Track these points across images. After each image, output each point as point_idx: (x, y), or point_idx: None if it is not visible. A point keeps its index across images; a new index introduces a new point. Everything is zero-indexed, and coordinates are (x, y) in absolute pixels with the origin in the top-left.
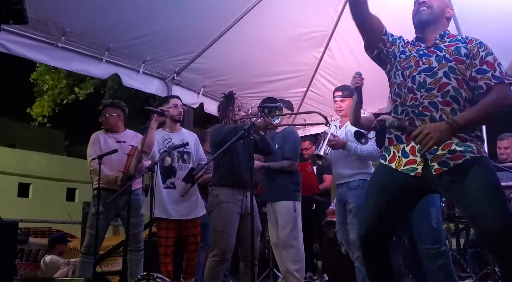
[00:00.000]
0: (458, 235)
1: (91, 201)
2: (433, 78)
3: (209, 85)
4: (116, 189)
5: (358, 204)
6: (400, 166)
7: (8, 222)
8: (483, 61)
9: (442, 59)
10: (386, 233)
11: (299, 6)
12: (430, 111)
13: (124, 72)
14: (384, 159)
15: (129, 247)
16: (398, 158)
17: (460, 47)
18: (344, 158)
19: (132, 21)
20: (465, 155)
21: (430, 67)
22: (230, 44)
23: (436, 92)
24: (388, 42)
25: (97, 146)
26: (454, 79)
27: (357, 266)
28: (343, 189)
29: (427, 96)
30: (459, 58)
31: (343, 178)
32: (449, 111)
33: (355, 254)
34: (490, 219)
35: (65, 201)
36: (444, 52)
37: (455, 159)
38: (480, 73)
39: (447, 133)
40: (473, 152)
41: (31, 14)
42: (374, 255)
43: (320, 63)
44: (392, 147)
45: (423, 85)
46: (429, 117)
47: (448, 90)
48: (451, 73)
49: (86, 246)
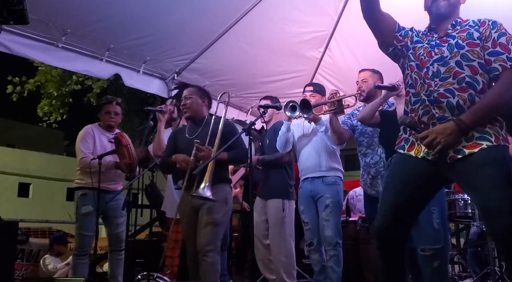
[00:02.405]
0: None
1: (79, 201)
2: (445, 66)
3: (209, 85)
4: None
5: (337, 200)
6: (419, 153)
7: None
8: (496, 43)
9: (454, 47)
10: (403, 225)
11: (299, 6)
12: (446, 97)
13: (124, 72)
14: (403, 149)
15: (111, 247)
16: (417, 145)
17: (472, 32)
18: (315, 151)
19: (132, 22)
20: (481, 143)
21: (442, 57)
22: (230, 44)
23: (451, 80)
24: (401, 36)
25: (90, 141)
26: (467, 67)
27: (330, 266)
28: (315, 183)
29: (442, 85)
30: (472, 41)
31: (315, 171)
32: (466, 96)
33: (329, 252)
34: (500, 215)
35: (65, 201)
36: (457, 39)
37: (470, 147)
38: (493, 55)
39: (455, 135)
40: (490, 140)
41: (32, 15)
42: (390, 249)
43: (320, 63)
44: (411, 137)
45: (437, 75)
46: (446, 103)
47: (463, 77)
48: (464, 61)
49: (79, 248)
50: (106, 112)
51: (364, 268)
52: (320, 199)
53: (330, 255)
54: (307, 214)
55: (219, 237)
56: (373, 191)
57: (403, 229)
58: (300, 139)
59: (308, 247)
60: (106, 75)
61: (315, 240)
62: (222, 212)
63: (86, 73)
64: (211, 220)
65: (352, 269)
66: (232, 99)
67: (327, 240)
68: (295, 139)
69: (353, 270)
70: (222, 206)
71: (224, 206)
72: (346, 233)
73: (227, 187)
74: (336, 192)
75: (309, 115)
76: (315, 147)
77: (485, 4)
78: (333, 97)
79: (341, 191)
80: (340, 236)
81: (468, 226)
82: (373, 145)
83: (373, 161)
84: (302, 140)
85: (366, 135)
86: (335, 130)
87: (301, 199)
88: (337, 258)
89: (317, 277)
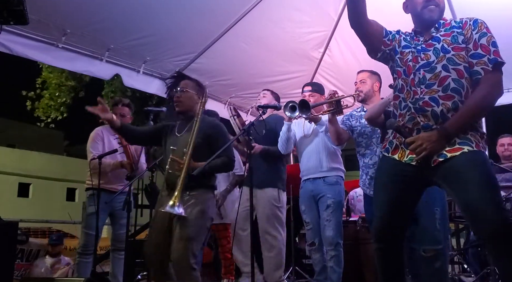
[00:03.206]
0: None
1: (86, 201)
2: (432, 73)
3: (210, 85)
4: (110, 189)
5: (338, 200)
6: (403, 157)
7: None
8: (477, 45)
9: (440, 52)
10: (399, 224)
11: (300, 7)
12: (431, 106)
13: (124, 72)
14: (387, 152)
15: (113, 246)
16: (401, 149)
17: (457, 35)
18: (316, 151)
19: (132, 22)
20: (463, 147)
21: (428, 62)
22: (230, 44)
23: (436, 87)
24: (389, 40)
25: (100, 143)
26: (454, 70)
27: (331, 266)
28: (317, 183)
29: (427, 92)
30: (458, 46)
31: (316, 172)
32: (450, 105)
33: (330, 252)
34: (485, 215)
35: (65, 201)
36: (442, 42)
37: (452, 151)
38: (475, 57)
39: (440, 143)
40: (471, 145)
41: (32, 15)
42: (388, 248)
43: (320, 63)
44: (395, 140)
45: (422, 81)
46: (430, 112)
47: (448, 83)
48: (450, 64)
49: (83, 246)
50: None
51: (364, 268)
52: (321, 199)
53: (331, 255)
54: (308, 214)
55: (193, 252)
56: (371, 192)
57: (399, 229)
58: (301, 139)
59: (309, 247)
60: (106, 75)
61: (316, 240)
62: (197, 226)
63: (86, 73)
64: (183, 235)
65: (352, 269)
66: (232, 99)
67: (328, 240)
68: (296, 139)
69: (353, 270)
70: (197, 219)
71: (199, 218)
72: (346, 233)
73: (205, 194)
74: (338, 192)
75: (308, 115)
76: (316, 148)
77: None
78: (332, 98)
79: (342, 191)
80: (341, 237)
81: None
82: (372, 146)
83: (371, 161)
84: (303, 140)
85: (365, 136)
86: (334, 130)
87: (303, 199)
88: (338, 258)
89: (317, 277)
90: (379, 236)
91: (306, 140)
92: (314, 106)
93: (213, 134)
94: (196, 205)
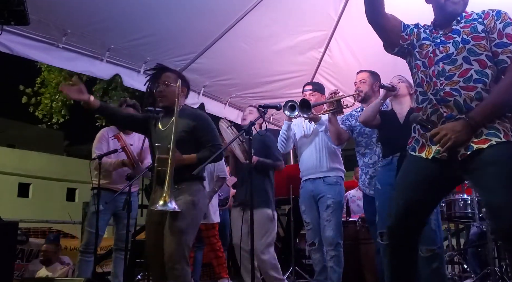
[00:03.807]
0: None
1: (90, 200)
2: (452, 65)
3: (210, 85)
4: (114, 189)
5: (338, 200)
6: (430, 154)
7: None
8: (502, 34)
9: (459, 43)
10: (415, 225)
11: (300, 7)
12: (452, 95)
13: (125, 72)
14: (413, 150)
15: (115, 246)
16: (428, 146)
17: (476, 25)
18: (316, 151)
19: (132, 22)
20: (490, 139)
21: (447, 55)
22: (230, 44)
23: (457, 78)
24: (407, 35)
25: (104, 144)
26: (476, 62)
27: (331, 266)
28: (317, 183)
29: (447, 84)
30: (477, 35)
31: (317, 172)
32: (473, 95)
33: (330, 252)
34: (505, 213)
35: (65, 201)
36: (462, 34)
37: (479, 143)
38: (500, 46)
39: (466, 132)
40: (499, 136)
41: (32, 15)
42: (399, 247)
43: (320, 63)
44: (420, 137)
45: (442, 74)
46: (453, 102)
47: (470, 75)
48: (471, 56)
49: (85, 244)
50: None
51: (364, 268)
52: (321, 199)
53: (331, 255)
54: (308, 214)
55: (186, 246)
56: (371, 191)
57: (415, 230)
58: (301, 139)
59: (309, 247)
60: (107, 75)
61: (317, 240)
62: (188, 218)
63: (87, 73)
64: (175, 228)
65: (352, 269)
66: (232, 99)
67: (328, 241)
68: (296, 139)
69: (353, 270)
70: (188, 210)
71: (190, 209)
72: (346, 233)
73: (194, 185)
74: (338, 192)
75: (309, 115)
76: (316, 148)
77: None
78: (332, 97)
79: (342, 191)
80: (341, 237)
81: (468, 226)
82: (371, 145)
83: (371, 161)
84: (303, 140)
85: (365, 135)
86: (334, 130)
87: (303, 199)
88: (338, 259)
89: (317, 277)
90: (392, 233)
91: (306, 140)
92: (314, 105)
93: (198, 125)
94: (185, 197)
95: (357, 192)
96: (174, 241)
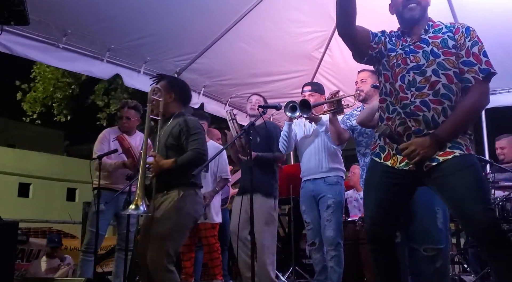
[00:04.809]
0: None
1: (92, 200)
2: (422, 76)
3: (210, 85)
4: (116, 189)
5: (339, 200)
6: (396, 163)
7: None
8: (470, 52)
9: (430, 55)
10: (390, 224)
11: (300, 7)
12: (422, 110)
13: (125, 72)
14: (379, 157)
15: (117, 246)
16: (393, 155)
17: (447, 39)
18: (316, 152)
19: (132, 22)
20: (454, 151)
21: (418, 65)
22: (230, 44)
23: (427, 90)
24: (375, 44)
25: (105, 145)
26: (444, 76)
27: (331, 266)
28: (317, 183)
29: (418, 95)
30: (448, 50)
31: (317, 172)
32: (440, 110)
33: (330, 252)
34: (473, 216)
35: (65, 201)
36: (431, 46)
37: (444, 155)
38: (466, 65)
39: (433, 148)
40: (462, 149)
41: (32, 15)
42: (381, 249)
43: (320, 63)
44: (386, 146)
45: (413, 84)
46: (422, 117)
47: (438, 88)
48: (440, 69)
49: (87, 244)
50: (120, 117)
51: (364, 268)
52: (322, 199)
53: (331, 255)
54: (309, 214)
55: (167, 252)
56: None
57: (390, 229)
58: (301, 140)
59: (310, 247)
60: (107, 76)
61: (317, 240)
62: (170, 223)
63: (87, 74)
64: (156, 234)
65: (352, 269)
66: (233, 99)
67: (328, 241)
68: (297, 139)
69: (353, 270)
70: (170, 216)
71: (174, 215)
72: (345, 233)
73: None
74: (338, 192)
75: (309, 115)
76: (316, 148)
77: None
78: (333, 97)
79: (343, 191)
80: (341, 237)
81: None
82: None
83: None
84: (303, 141)
85: (365, 135)
86: (335, 130)
87: (303, 199)
88: (338, 258)
89: (318, 277)
90: (372, 237)
91: (307, 141)
92: (315, 105)
93: (181, 131)
94: (170, 203)
95: (354, 192)
96: (155, 247)
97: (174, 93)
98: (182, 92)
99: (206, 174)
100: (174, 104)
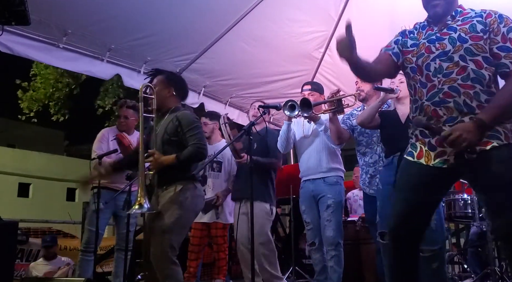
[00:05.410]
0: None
1: (90, 199)
2: (449, 62)
3: (210, 85)
4: (115, 188)
5: (339, 200)
6: (430, 161)
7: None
8: (506, 38)
9: (457, 41)
10: (417, 226)
11: (300, 7)
12: (452, 96)
13: (125, 72)
14: (411, 156)
15: (116, 246)
16: (426, 152)
17: (475, 24)
18: (316, 152)
19: (133, 22)
20: (492, 141)
21: (444, 52)
22: (231, 44)
23: (455, 75)
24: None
25: (104, 144)
26: (472, 62)
27: (331, 266)
28: (317, 183)
29: (446, 81)
30: (476, 35)
31: (317, 172)
32: (472, 94)
33: (330, 252)
34: (503, 214)
35: (65, 201)
36: (459, 32)
37: (481, 144)
38: (503, 50)
39: (478, 133)
40: (500, 138)
41: (33, 15)
42: (403, 250)
43: (320, 63)
44: (418, 143)
45: (439, 71)
46: (453, 103)
47: (468, 73)
48: (468, 55)
49: (85, 243)
50: (118, 116)
51: (364, 268)
52: (321, 199)
53: (331, 255)
54: (308, 214)
55: (170, 246)
56: (371, 190)
57: (417, 231)
58: (300, 140)
59: (310, 247)
60: (107, 75)
61: (317, 240)
62: (171, 217)
63: (87, 74)
64: (158, 229)
65: (352, 269)
66: (233, 99)
67: (328, 240)
68: (296, 139)
69: (353, 270)
70: (171, 210)
71: (176, 209)
72: (346, 233)
73: (182, 185)
74: (338, 192)
75: (309, 114)
76: (315, 148)
77: None
78: (333, 96)
79: (342, 191)
80: (341, 236)
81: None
82: (372, 144)
83: (372, 160)
84: (303, 141)
85: (365, 135)
86: (335, 129)
87: (303, 199)
88: (338, 258)
89: (318, 277)
90: (395, 234)
91: (306, 140)
92: (315, 104)
93: (179, 126)
94: (170, 197)
95: (360, 191)
96: (157, 241)
97: (174, 88)
98: (180, 88)
99: (220, 174)
100: (172, 99)
